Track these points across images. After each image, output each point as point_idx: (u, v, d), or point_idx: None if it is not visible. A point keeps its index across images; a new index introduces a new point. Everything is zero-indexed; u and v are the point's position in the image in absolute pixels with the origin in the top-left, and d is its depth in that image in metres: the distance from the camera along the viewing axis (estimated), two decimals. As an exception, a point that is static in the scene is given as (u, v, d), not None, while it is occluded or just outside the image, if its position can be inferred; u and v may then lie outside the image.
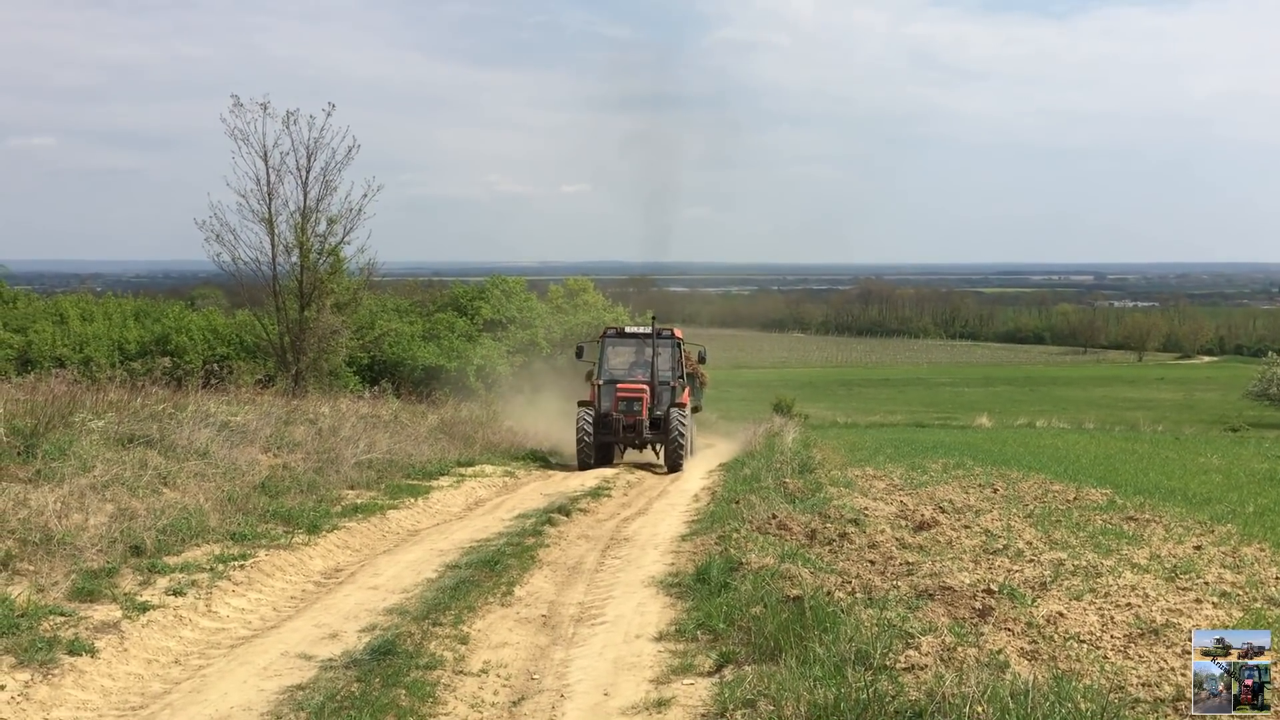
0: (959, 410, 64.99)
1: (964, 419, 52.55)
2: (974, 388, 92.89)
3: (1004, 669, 6.07)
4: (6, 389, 15.48)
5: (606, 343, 24.39)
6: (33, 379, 18.40)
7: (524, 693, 7.10)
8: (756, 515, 11.97)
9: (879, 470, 17.93)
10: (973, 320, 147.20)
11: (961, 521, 12.06)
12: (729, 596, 8.46)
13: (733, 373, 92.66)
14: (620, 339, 24.61)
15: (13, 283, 45.35)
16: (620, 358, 24.53)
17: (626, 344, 24.59)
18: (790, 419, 36.98)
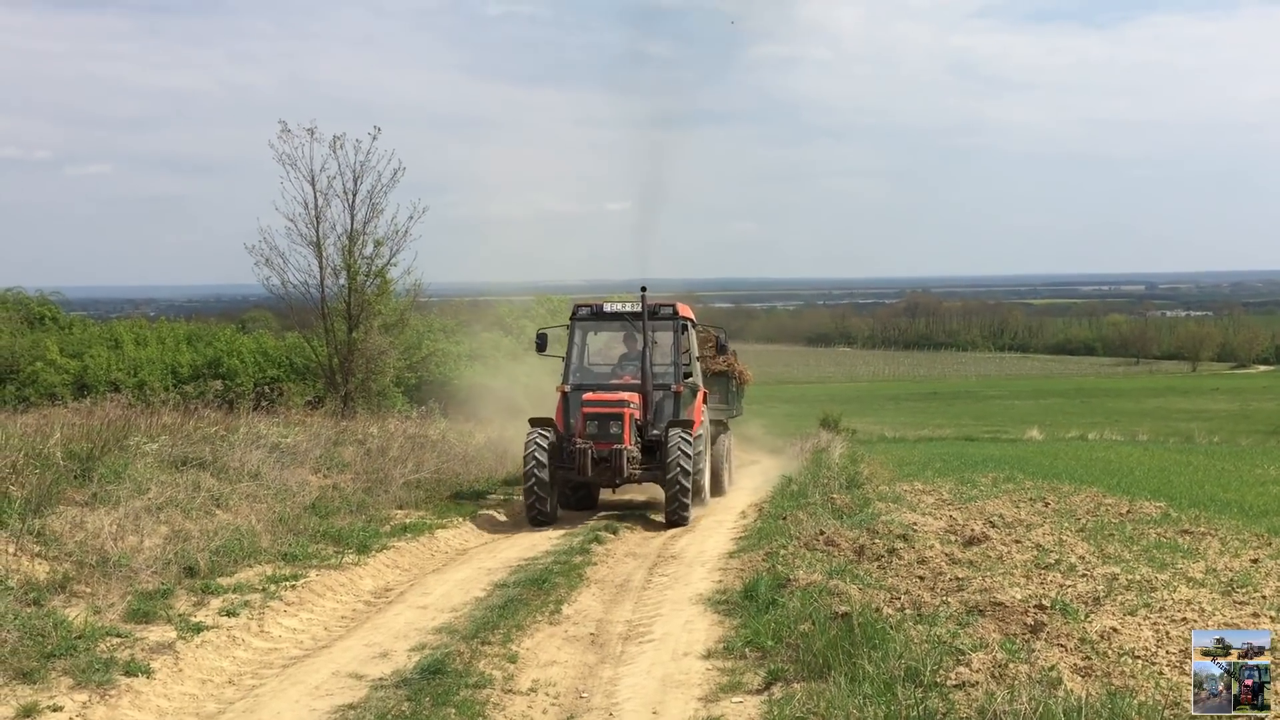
0: (1009, 423, 64.25)
1: (1014, 432, 51.94)
2: (1024, 400, 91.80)
3: (1056, 686, 6.00)
4: (63, 413, 15.77)
5: (577, 328, 17.04)
6: (89, 403, 18.76)
7: (573, 711, 7.11)
8: (804, 531, 11.92)
9: (928, 485, 17.79)
10: (1022, 332, 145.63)
11: (1012, 536, 11.93)
12: (777, 613, 8.44)
13: (779, 388, 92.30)
14: (597, 321, 17.18)
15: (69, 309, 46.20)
16: (598, 350, 18.35)
17: (606, 328, 17.67)
18: (837, 434, 36.78)
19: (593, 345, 18.00)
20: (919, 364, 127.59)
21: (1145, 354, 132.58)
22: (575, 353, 16.93)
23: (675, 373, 16.67)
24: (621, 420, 15.45)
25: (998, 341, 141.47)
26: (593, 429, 15.50)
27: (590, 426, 15.51)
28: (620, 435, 15.37)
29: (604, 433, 15.43)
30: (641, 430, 15.90)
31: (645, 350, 16.08)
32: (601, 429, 15.46)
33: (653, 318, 16.36)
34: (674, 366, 16.75)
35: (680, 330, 16.92)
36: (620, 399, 15.65)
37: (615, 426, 15.41)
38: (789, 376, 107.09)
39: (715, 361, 20.73)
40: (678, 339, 16.92)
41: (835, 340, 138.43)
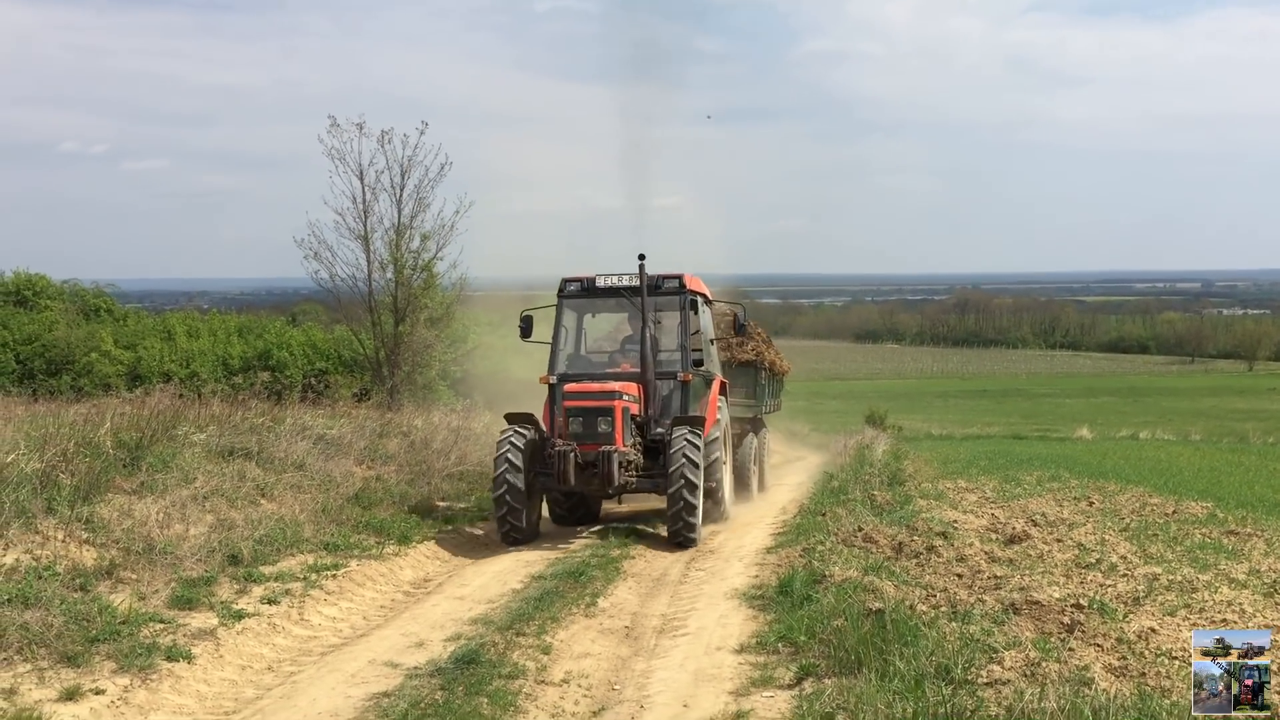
0: (1059, 422, 63.51)
1: (1064, 431, 51.36)
2: (1075, 399, 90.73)
3: (1089, 685, 5.95)
4: (115, 403, 16.05)
5: (566, 307, 14.46)
6: (140, 394, 19.10)
7: (604, 703, 7.16)
8: (842, 528, 11.89)
9: (971, 483, 17.69)
10: (1073, 329, 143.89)
11: (1054, 535, 11.85)
12: (811, 609, 8.43)
13: (826, 384, 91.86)
14: (589, 298, 14.50)
15: (124, 301, 46.97)
16: (590, 332, 15.76)
17: (600, 306, 14.97)
18: (882, 431, 36.59)
19: (591, 330, 15.54)
20: (968, 361, 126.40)
21: (1200, 352, 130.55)
22: (564, 337, 14.37)
23: (683, 358, 13.98)
24: (611, 416, 12.77)
25: (1049, 339, 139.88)
26: (577, 427, 12.85)
27: (574, 424, 12.88)
28: (611, 434, 12.70)
29: (590, 432, 12.78)
30: (642, 428, 13.48)
31: (645, 331, 13.46)
32: (587, 427, 12.81)
33: (654, 292, 13.84)
34: (681, 351, 14.04)
35: (689, 307, 14.17)
36: (610, 390, 13.01)
37: (604, 424, 12.74)
38: (836, 372, 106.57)
39: (741, 350, 18.65)
40: (686, 318, 14.11)
41: (883, 336, 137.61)
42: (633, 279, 13.71)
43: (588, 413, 12.88)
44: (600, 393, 13.01)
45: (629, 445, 12.96)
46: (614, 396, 12.93)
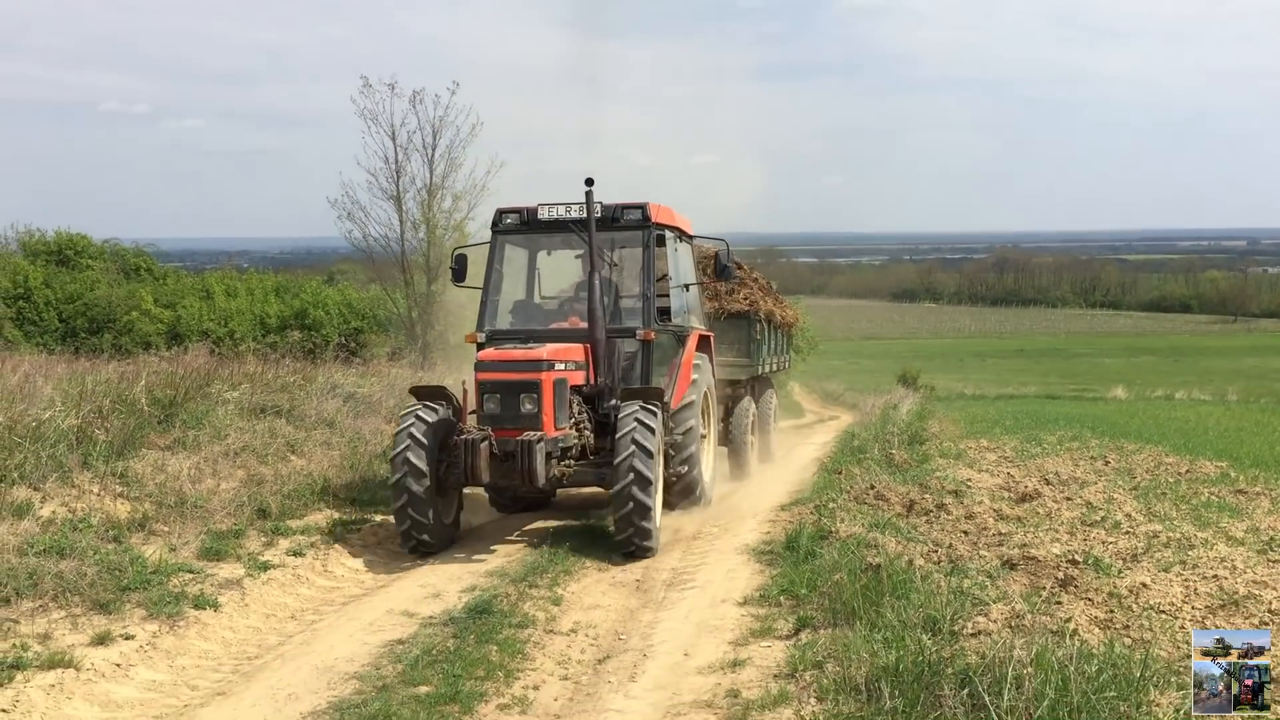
0: (1095, 382, 63.18)
1: (1099, 390, 51.20)
2: (1114, 358, 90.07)
3: (1071, 636, 6.17)
4: (152, 361, 16.50)
5: (503, 244, 11.83)
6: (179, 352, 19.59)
7: (609, 651, 7.45)
8: (856, 486, 12.12)
9: (993, 442, 17.85)
10: (1114, 288, 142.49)
11: (1064, 494, 12.03)
12: (814, 564, 8.68)
13: (862, 344, 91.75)
14: (529, 233, 11.81)
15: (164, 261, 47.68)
16: (550, 275, 12.71)
17: (543, 242, 12.18)
18: (913, 390, 36.70)
19: (550, 271, 12.65)
20: (1006, 320, 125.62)
21: (1244, 311, 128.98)
22: (499, 283, 11.73)
23: (645, 311, 11.29)
24: (537, 392, 10.06)
25: (1089, 298, 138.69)
26: (492, 407, 10.17)
27: (488, 403, 10.20)
28: (536, 416, 10.07)
29: (510, 413, 10.11)
30: (593, 402, 11.03)
31: (593, 277, 10.82)
32: (506, 407, 10.12)
33: (611, 226, 11.29)
34: (644, 301, 11.33)
35: (653, 245, 11.39)
36: (535, 358, 10.18)
37: (528, 402, 10.07)
38: (873, 332, 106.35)
39: (732, 298, 16.29)
40: (649, 259, 11.31)
41: (921, 296, 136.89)
42: (577, 206, 11.03)
43: (506, 388, 10.11)
44: (522, 362, 10.15)
45: (567, 427, 10.41)
46: (540, 367, 10.11)
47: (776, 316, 17.77)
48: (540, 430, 10.08)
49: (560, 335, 11.18)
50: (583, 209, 10.94)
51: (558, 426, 10.28)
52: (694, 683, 6.65)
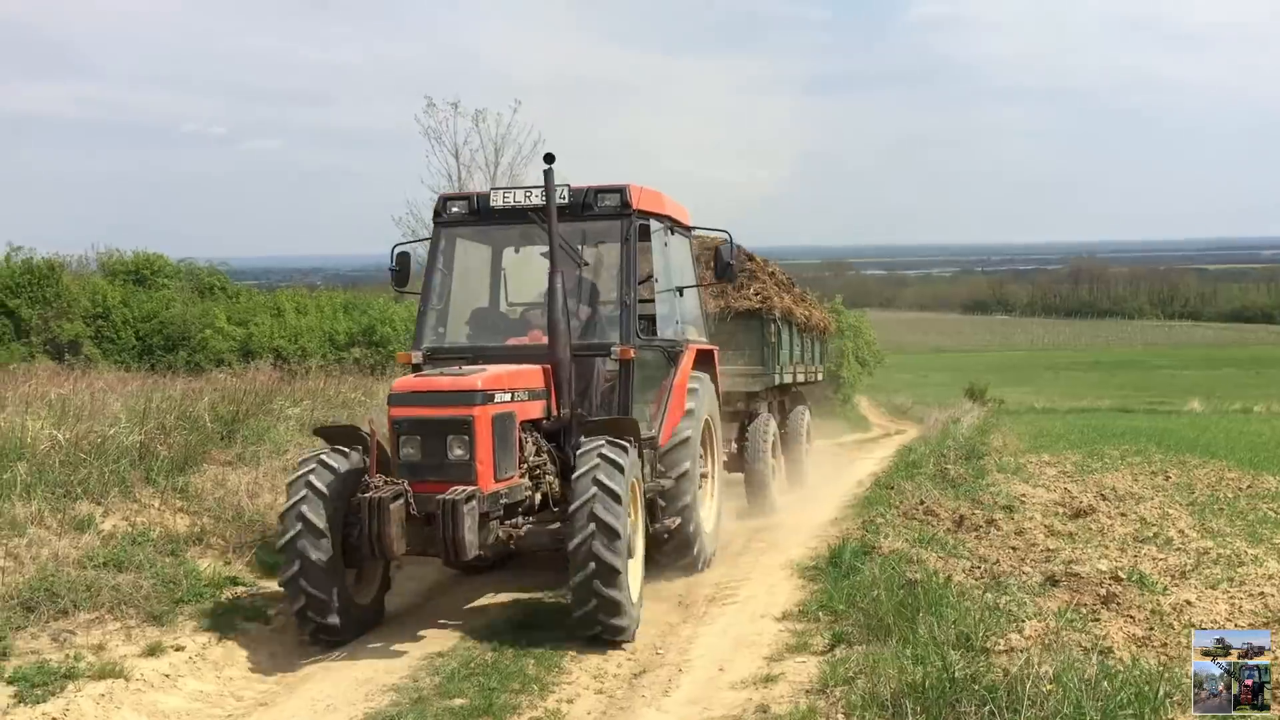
0: (1172, 394, 61.90)
1: (1175, 404, 50.18)
2: (1194, 370, 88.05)
3: (1100, 653, 6.12)
4: (219, 378, 16.95)
5: (451, 239, 9.74)
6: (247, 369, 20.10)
7: (646, 666, 7.52)
8: (906, 501, 12.09)
9: (1055, 456, 17.68)
10: (1193, 299, 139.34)
11: (1119, 509, 11.90)
12: (855, 580, 8.68)
13: (933, 356, 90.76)
14: (481, 224, 9.64)
15: (237, 279, 48.69)
16: (496, 278, 10.35)
17: (505, 236, 10.01)
18: (981, 404, 36.31)
19: (515, 275, 10.31)
20: (1081, 332, 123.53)
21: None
22: (444, 287, 9.59)
23: (623, 322, 9.01)
24: (468, 432, 7.71)
25: (1167, 309, 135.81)
26: (410, 453, 7.83)
27: (405, 448, 7.84)
28: (468, 464, 7.71)
29: (432, 461, 7.78)
30: (557, 438, 8.78)
31: (553, 279, 8.47)
32: (427, 453, 7.80)
33: (583, 215, 9.17)
34: (623, 309, 9.06)
35: (634, 238, 9.18)
36: (466, 387, 7.83)
37: (458, 446, 7.74)
38: (943, 345, 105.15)
39: (741, 295, 13.82)
40: (631, 255, 9.11)
41: (993, 308, 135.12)
42: (534, 192, 9.02)
43: (426, 428, 7.77)
44: (447, 393, 7.80)
45: (515, 475, 8.18)
46: (471, 399, 7.72)
47: (797, 316, 15.16)
48: (472, 483, 7.60)
49: (518, 354, 8.95)
50: (543, 194, 8.70)
51: (500, 476, 7.88)
52: (726, 697, 6.70)
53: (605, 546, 7.45)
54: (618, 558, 7.50)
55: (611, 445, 7.88)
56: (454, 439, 7.74)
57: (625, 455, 7.86)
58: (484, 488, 7.73)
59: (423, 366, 9.05)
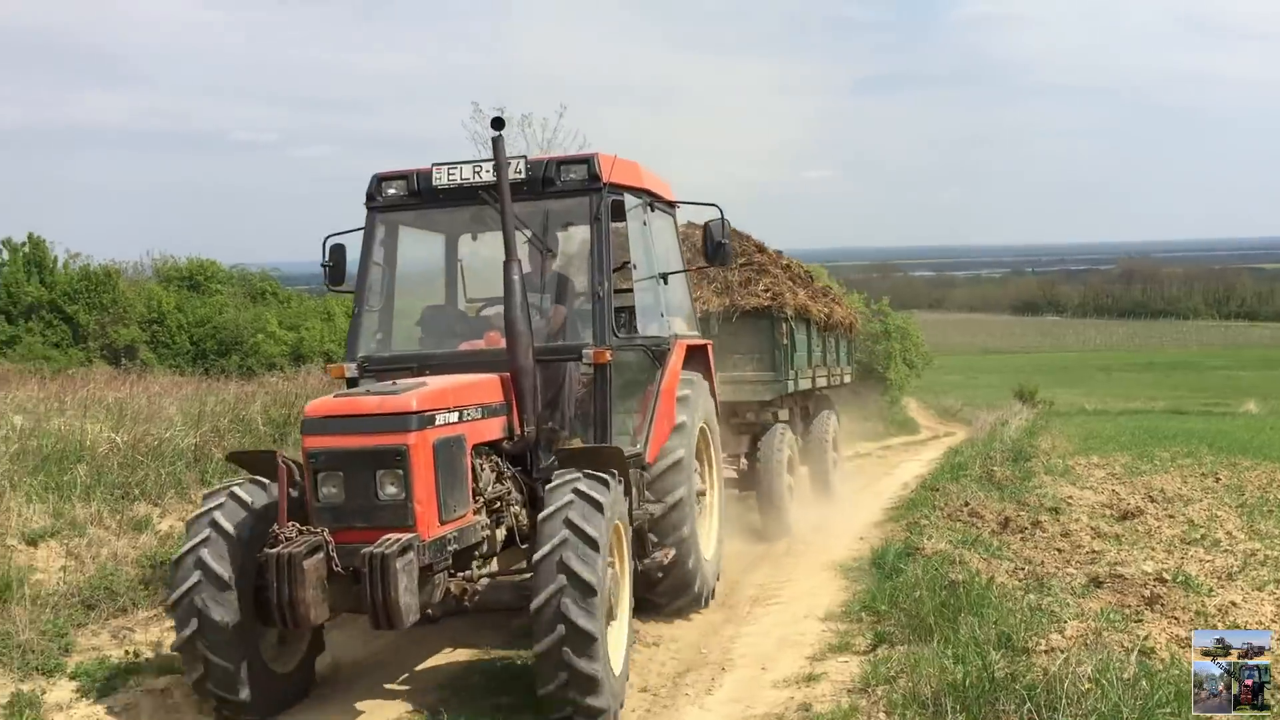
0: (1228, 396, 60.91)
1: (1231, 405, 49.44)
2: (1250, 371, 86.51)
3: (1143, 654, 6.13)
4: (271, 382, 17.25)
5: (392, 226, 8.26)
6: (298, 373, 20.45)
7: (690, 665, 7.61)
8: (950, 503, 12.08)
9: (1104, 458, 17.53)
10: (1250, 299, 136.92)
11: (1167, 511, 11.83)
12: (898, 580, 8.71)
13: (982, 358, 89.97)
14: (425, 207, 8.04)
15: (289, 284, 49.32)
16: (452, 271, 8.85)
17: (449, 223, 8.65)
18: (1030, 405, 35.99)
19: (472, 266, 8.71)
20: (1134, 333, 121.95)
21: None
22: (385, 284, 8.13)
23: (597, 318, 7.57)
24: (403, 465, 6.16)
25: (1222, 309, 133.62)
26: (330, 493, 6.22)
27: (324, 488, 6.22)
28: (403, 506, 6.15)
29: (357, 503, 6.19)
30: (523, 461, 7.36)
31: (508, 269, 7.04)
32: (351, 493, 6.20)
33: (542, 193, 7.72)
34: (595, 303, 7.62)
35: (607, 218, 7.74)
36: (397, 409, 6.25)
37: (390, 483, 6.17)
38: (993, 346, 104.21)
39: (748, 290, 12.36)
40: (603, 238, 7.68)
41: (1043, 309, 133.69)
42: (483, 166, 7.60)
43: (348, 462, 6.14)
44: (373, 417, 6.19)
45: (469, 512, 6.63)
46: (404, 423, 6.15)
47: (814, 313, 13.35)
48: (410, 529, 6.05)
49: (472, 361, 7.48)
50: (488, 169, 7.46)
51: (447, 517, 6.33)
52: (768, 696, 6.77)
53: (578, 606, 5.88)
54: (593, 620, 5.91)
55: (589, 479, 6.39)
56: (384, 474, 6.08)
57: (606, 492, 6.33)
58: (425, 533, 6.10)
59: (359, 381, 7.57)
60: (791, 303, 12.47)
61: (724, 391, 10.08)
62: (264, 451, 7.19)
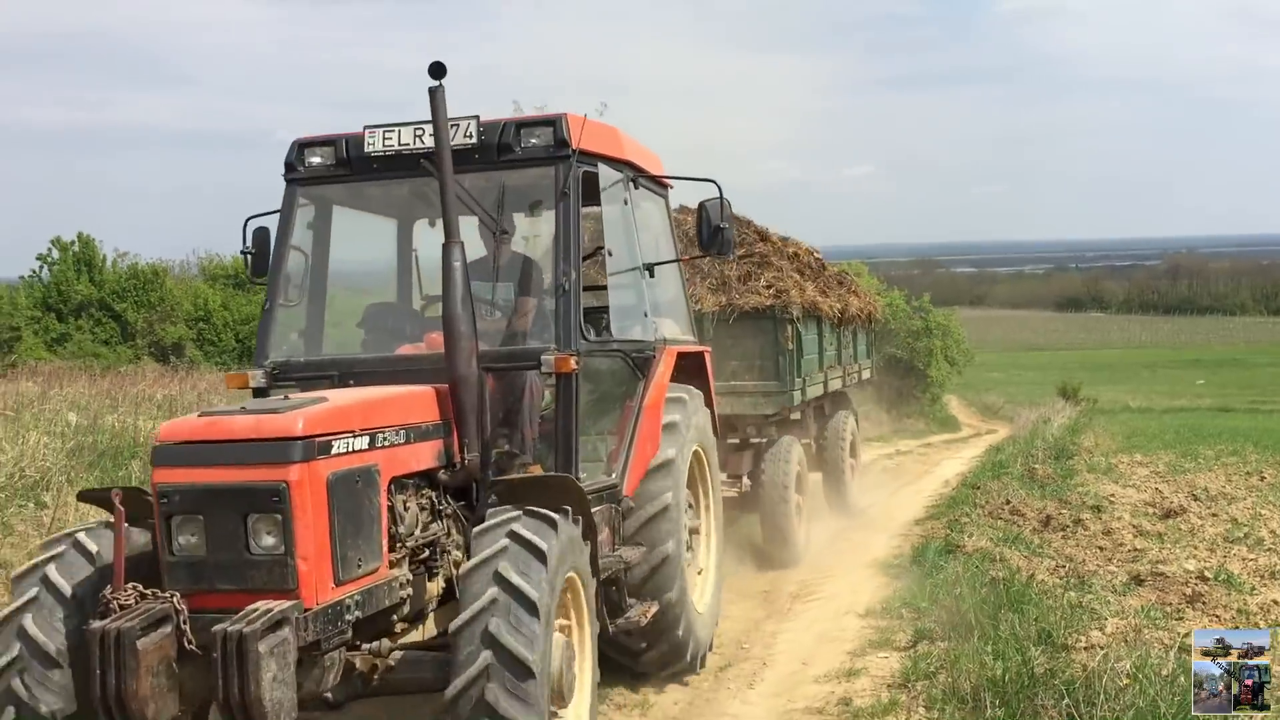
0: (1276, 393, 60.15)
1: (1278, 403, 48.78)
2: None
3: (1186, 651, 6.15)
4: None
5: (322, 205, 6.64)
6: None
7: (731, 660, 7.71)
8: (991, 501, 12.10)
9: (1147, 456, 17.44)
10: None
11: (1210, 510, 11.79)
12: (939, 577, 8.76)
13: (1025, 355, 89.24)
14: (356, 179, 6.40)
15: (332, 282, 49.79)
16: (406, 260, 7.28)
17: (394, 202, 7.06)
18: (1073, 403, 35.74)
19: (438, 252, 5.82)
20: (1180, 330, 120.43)
21: None
22: (310, 274, 6.64)
23: (561, 316, 6.05)
24: (281, 509, 4.47)
25: (1271, 305, 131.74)
26: (187, 543, 4.56)
27: (179, 538, 4.56)
28: (283, 563, 4.49)
29: (224, 558, 4.52)
30: (467, 497, 5.81)
31: (448, 253, 5.55)
32: (216, 544, 4.53)
33: (498, 162, 6.24)
34: (560, 298, 6.09)
35: (580, 192, 6.28)
36: (277, 432, 4.59)
37: (267, 532, 4.50)
38: (1036, 343, 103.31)
39: (748, 285, 10.85)
40: (570, 217, 6.15)
41: (1087, 305, 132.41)
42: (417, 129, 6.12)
43: (212, 504, 4.58)
44: (245, 445, 4.62)
45: (379, 567, 5.02)
46: (286, 453, 4.56)
47: (824, 310, 11.76)
48: (290, 593, 4.49)
49: (408, 369, 6.02)
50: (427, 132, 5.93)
51: (347, 575, 4.73)
52: (809, 690, 6.86)
53: (509, 693, 4.45)
54: (530, 711, 4.46)
55: (531, 519, 4.90)
56: (258, 521, 4.50)
57: (553, 535, 4.86)
58: (310, 599, 4.51)
59: (269, 391, 6.05)
60: (799, 300, 10.85)
61: (721, 404, 8.71)
62: (132, 489, 5.01)
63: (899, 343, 31.37)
